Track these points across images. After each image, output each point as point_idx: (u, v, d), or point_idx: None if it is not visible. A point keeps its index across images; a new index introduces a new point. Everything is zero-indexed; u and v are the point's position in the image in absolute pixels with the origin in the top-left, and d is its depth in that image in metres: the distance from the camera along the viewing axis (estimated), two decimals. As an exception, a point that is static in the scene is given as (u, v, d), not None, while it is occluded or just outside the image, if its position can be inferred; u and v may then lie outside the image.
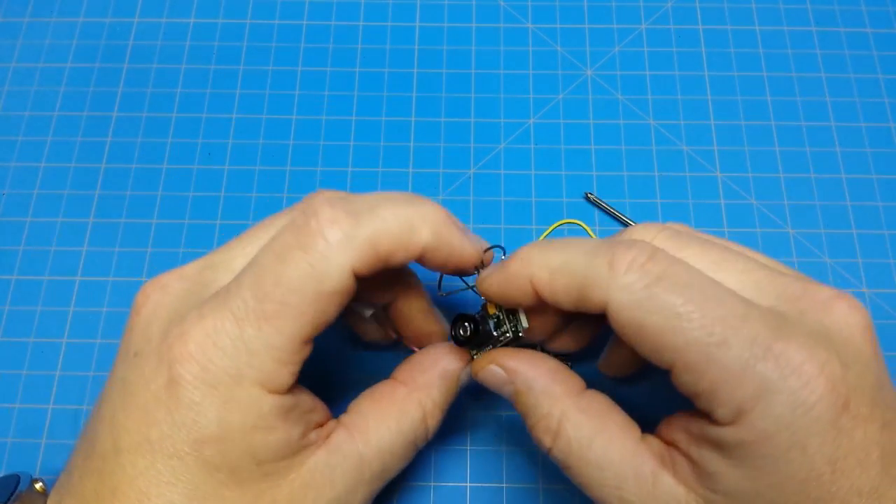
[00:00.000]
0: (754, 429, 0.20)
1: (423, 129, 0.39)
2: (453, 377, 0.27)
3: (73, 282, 0.35)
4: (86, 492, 0.22)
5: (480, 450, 0.32)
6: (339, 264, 0.22)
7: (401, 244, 0.23)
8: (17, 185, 0.38)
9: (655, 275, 0.22)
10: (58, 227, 0.37)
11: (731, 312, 0.21)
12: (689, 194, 0.37)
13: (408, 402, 0.26)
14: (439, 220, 0.24)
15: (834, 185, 0.37)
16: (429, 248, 0.24)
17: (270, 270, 0.22)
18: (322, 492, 0.23)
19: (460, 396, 0.31)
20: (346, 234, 0.22)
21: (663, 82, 0.40)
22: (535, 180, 0.37)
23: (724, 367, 0.20)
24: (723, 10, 0.41)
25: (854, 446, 0.20)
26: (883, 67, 0.40)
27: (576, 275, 0.23)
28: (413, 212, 0.24)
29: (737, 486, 0.21)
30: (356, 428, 0.25)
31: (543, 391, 0.25)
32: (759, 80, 0.40)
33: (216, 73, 0.40)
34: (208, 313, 0.22)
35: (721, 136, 0.38)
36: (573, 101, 0.39)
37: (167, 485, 0.21)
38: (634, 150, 0.38)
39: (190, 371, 0.21)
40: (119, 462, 0.22)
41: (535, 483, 0.31)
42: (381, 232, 0.23)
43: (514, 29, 0.41)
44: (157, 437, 0.21)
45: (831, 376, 0.20)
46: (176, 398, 0.21)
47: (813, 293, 0.22)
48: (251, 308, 0.22)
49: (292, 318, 0.22)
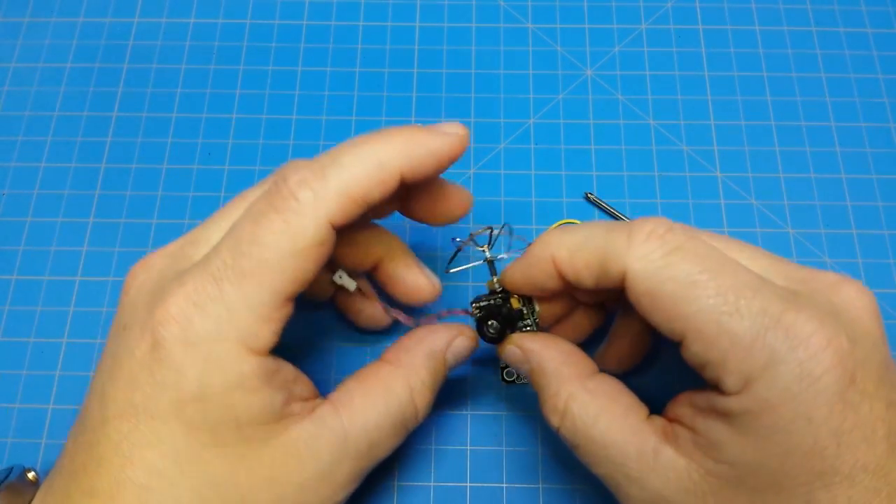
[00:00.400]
0: (760, 398, 0.20)
1: (423, 129, 0.39)
2: (440, 356, 0.27)
3: (73, 282, 0.35)
4: (75, 467, 0.23)
5: (480, 449, 0.32)
6: (314, 218, 0.22)
7: (374, 183, 0.23)
8: (17, 185, 0.38)
9: (674, 244, 0.22)
10: (58, 227, 0.37)
11: (746, 283, 0.21)
12: (689, 194, 0.37)
13: (393, 380, 0.26)
14: (405, 138, 0.24)
15: (834, 185, 0.37)
16: (407, 172, 0.24)
17: (247, 232, 0.23)
18: (304, 462, 0.23)
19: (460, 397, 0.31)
20: (316, 191, 0.23)
21: (663, 82, 0.40)
22: (535, 180, 0.37)
23: (735, 336, 0.21)
24: (723, 10, 0.41)
25: (860, 421, 0.20)
26: (883, 67, 0.40)
27: (596, 249, 0.24)
28: (378, 148, 0.24)
29: (741, 456, 0.21)
30: (341, 404, 0.25)
31: (554, 372, 0.26)
32: (759, 80, 0.40)
33: (216, 73, 0.40)
34: (188, 279, 0.23)
35: (721, 136, 0.38)
36: (573, 101, 0.39)
37: (149, 447, 0.22)
38: (634, 150, 0.38)
39: (171, 332, 0.22)
40: (105, 431, 0.22)
41: (535, 483, 0.31)
42: (349, 180, 0.23)
43: (514, 29, 0.41)
44: (140, 401, 0.22)
45: (839, 350, 0.20)
46: (158, 359, 0.22)
47: (821, 277, 0.23)
48: (229, 266, 0.22)
49: (271, 274, 0.22)
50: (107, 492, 0.22)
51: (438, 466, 0.31)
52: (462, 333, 0.28)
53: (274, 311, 0.23)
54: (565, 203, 0.37)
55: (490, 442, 0.32)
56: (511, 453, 0.32)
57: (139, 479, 0.22)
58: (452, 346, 0.28)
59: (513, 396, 0.33)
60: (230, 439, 0.22)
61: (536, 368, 0.27)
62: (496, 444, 0.32)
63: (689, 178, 0.37)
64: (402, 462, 0.32)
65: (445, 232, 0.36)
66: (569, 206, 0.37)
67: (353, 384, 0.26)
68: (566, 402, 0.25)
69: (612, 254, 0.23)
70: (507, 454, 0.32)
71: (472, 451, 0.32)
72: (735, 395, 0.21)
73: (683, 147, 0.38)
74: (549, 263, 0.25)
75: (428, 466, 0.32)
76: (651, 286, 0.22)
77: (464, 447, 0.32)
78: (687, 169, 0.38)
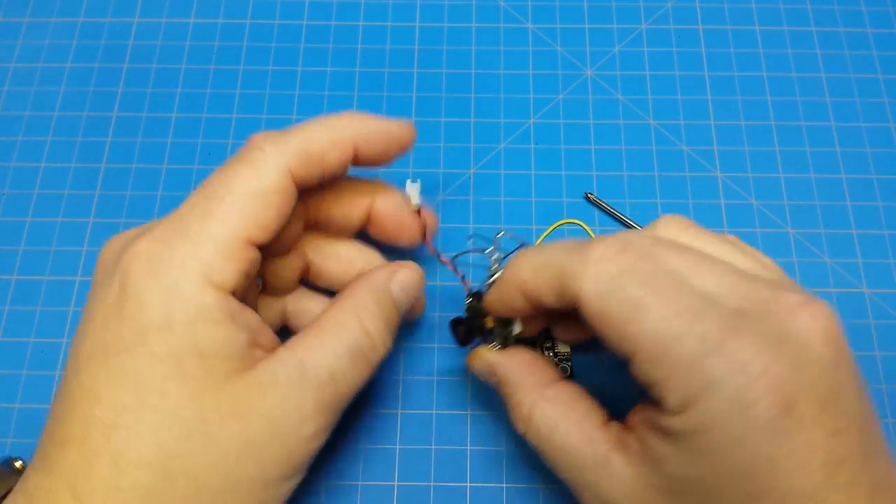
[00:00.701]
0: (697, 419, 0.21)
1: (423, 129, 0.39)
2: (383, 288, 0.28)
3: (73, 282, 0.35)
4: (51, 423, 0.23)
5: (480, 450, 0.32)
6: (275, 164, 0.25)
7: (331, 145, 0.26)
8: (17, 185, 0.38)
9: (624, 266, 0.23)
10: (58, 227, 0.37)
11: (689, 308, 0.22)
12: (689, 194, 0.37)
13: (341, 315, 0.26)
14: (358, 117, 0.27)
15: (834, 185, 0.37)
16: (360, 141, 0.27)
17: (215, 179, 0.25)
18: (266, 392, 0.23)
19: (460, 398, 0.31)
20: (278, 145, 0.25)
21: (663, 82, 0.40)
22: (535, 180, 0.37)
23: (677, 359, 0.21)
24: (723, 10, 0.41)
25: (795, 448, 0.20)
26: (883, 67, 0.40)
27: (555, 270, 0.24)
28: (334, 119, 0.27)
29: (680, 471, 0.22)
30: (296, 344, 0.25)
31: (517, 382, 0.28)
32: (759, 80, 0.40)
33: (216, 73, 0.40)
34: (156, 226, 0.24)
35: (721, 136, 0.38)
36: (573, 101, 0.39)
37: (115, 384, 0.22)
38: (634, 150, 0.38)
39: (137, 267, 0.23)
40: (78, 378, 0.23)
41: (535, 483, 0.31)
42: (308, 139, 0.26)
43: (514, 29, 0.41)
44: (110, 339, 0.23)
45: (776, 377, 0.21)
46: (124, 294, 0.23)
47: (781, 299, 0.22)
48: (197, 206, 0.24)
49: (236, 214, 0.24)
50: (78, 437, 0.22)
51: (438, 466, 0.31)
52: (404, 266, 0.29)
53: (237, 251, 0.24)
54: (565, 203, 0.37)
55: (490, 442, 0.32)
56: (511, 453, 0.32)
57: (106, 418, 0.22)
58: (397, 278, 0.28)
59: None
60: (195, 371, 0.23)
61: (502, 380, 0.28)
62: (496, 445, 0.32)
63: (689, 178, 0.37)
64: (402, 462, 0.32)
65: (450, 235, 0.36)
66: (569, 206, 0.37)
67: (306, 330, 0.26)
68: (529, 410, 0.27)
69: (569, 274, 0.24)
70: (507, 454, 0.32)
71: (472, 451, 0.32)
72: (676, 415, 0.22)
73: (683, 147, 0.38)
74: (517, 288, 0.26)
75: (428, 466, 0.32)
76: (601, 307, 0.23)
77: (464, 447, 0.32)
78: (687, 169, 0.38)
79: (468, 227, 0.36)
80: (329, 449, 0.32)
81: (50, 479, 0.22)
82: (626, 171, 0.37)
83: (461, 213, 0.36)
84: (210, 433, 0.22)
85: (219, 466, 0.23)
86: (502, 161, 0.38)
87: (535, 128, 0.39)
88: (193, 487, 0.22)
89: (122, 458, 0.22)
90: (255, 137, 0.26)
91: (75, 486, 0.22)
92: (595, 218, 0.36)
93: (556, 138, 0.38)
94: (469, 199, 0.37)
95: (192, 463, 0.22)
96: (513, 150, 0.38)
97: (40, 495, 0.22)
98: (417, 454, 0.32)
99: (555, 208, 0.37)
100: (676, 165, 0.38)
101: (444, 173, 0.37)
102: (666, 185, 0.37)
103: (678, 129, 0.38)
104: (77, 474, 0.22)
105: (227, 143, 0.38)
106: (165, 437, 0.22)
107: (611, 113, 0.39)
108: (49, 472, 0.22)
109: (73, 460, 0.22)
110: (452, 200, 0.37)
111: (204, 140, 0.38)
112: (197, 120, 0.39)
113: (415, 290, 0.29)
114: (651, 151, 0.38)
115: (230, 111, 0.39)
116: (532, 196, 0.37)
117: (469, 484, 0.31)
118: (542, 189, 0.37)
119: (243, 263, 0.24)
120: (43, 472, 0.23)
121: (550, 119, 0.39)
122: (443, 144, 0.38)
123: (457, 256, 0.31)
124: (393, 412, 0.33)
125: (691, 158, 0.38)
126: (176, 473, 0.22)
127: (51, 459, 0.23)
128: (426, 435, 0.32)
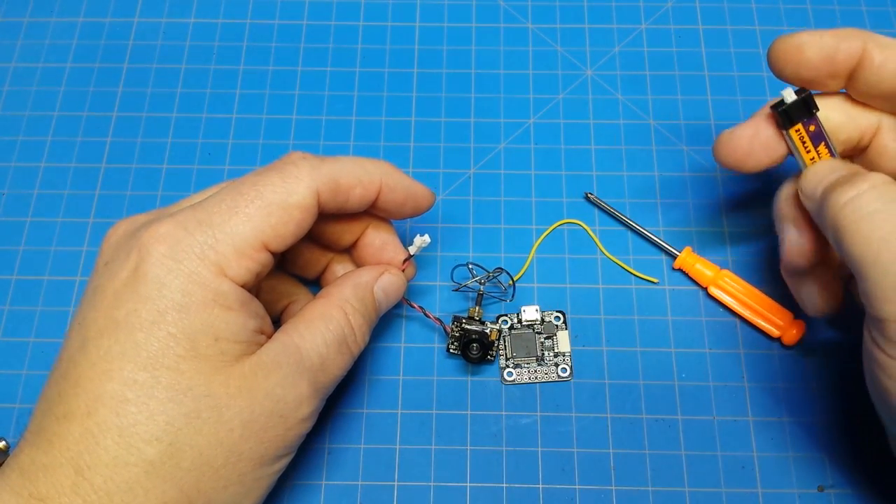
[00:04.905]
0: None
1: (423, 129, 0.39)
2: (367, 287, 0.29)
3: (73, 282, 0.35)
4: (51, 399, 0.23)
5: (480, 449, 0.32)
6: (307, 183, 0.26)
7: (358, 181, 0.28)
8: (17, 185, 0.38)
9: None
10: (58, 227, 0.37)
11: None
12: (689, 194, 0.37)
13: (328, 307, 0.28)
14: (389, 167, 0.29)
15: (834, 185, 0.37)
16: (384, 188, 0.28)
17: (249, 181, 0.26)
18: (270, 372, 0.25)
19: (460, 398, 0.31)
20: (313, 166, 0.26)
21: (663, 82, 0.40)
22: (535, 180, 0.37)
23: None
24: (723, 10, 0.41)
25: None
26: (883, 67, 0.40)
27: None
28: (367, 161, 0.29)
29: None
30: (291, 330, 0.27)
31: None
32: (758, 80, 0.40)
33: (216, 73, 0.40)
34: (178, 213, 0.25)
35: (721, 136, 0.38)
36: (573, 101, 0.39)
37: (128, 359, 0.23)
38: (634, 150, 0.38)
39: (158, 250, 0.24)
40: (85, 352, 0.23)
41: (536, 483, 0.31)
42: (340, 170, 0.27)
43: (514, 29, 0.41)
44: (123, 316, 0.23)
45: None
46: (143, 274, 0.23)
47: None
48: (224, 202, 0.25)
49: (259, 216, 0.25)
50: (83, 411, 0.22)
51: (438, 466, 0.32)
52: (388, 271, 0.30)
53: (252, 251, 0.25)
54: (565, 203, 0.37)
55: (490, 442, 0.32)
56: (511, 453, 0.32)
57: (117, 392, 0.22)
58: (380, 281, 0.30)
59: (513, 397, 0.33)
60: (208, 351, 0.24)
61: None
62: (496, 444, 0.32)
63: (689, 179, 0.37)
64: (402, 462, 0.32)
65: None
66: (569, 206, 0.37)
67: (295, 319, 0.28)
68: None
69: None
70: (508, 454, 0.32)
71: (472, 451, 0.32)
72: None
73: (683, 147, 0.38)
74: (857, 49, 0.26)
75: (428, 466, 0.32)
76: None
77: (464, 447, 0.32)
78: (687, 169, 0.38)
79: (468, 226, 0.36)
80: (329, 449, 0.32)
81: (49, 454, 0.22)
82: (626, 171, 0.37)
83: (461, 214, 0.36)
84: (219, 410, 0.23)
85: (224, 443, 0.24)
86: (502, 161, 0.38)
87: (535, 128, 0.39)
88: (197, 463, 0.23)
89: (130, 432, 0.22)
90: (293, 154, 0.27)
91: (78, 460, 0.22)
92: (595, 218, 0.36)
93: (556, 138, 0.38)
94: (469, 199, 0.37)
95: (198, 440, 0.23)
96: (513, 150, 0.38)
97: (37, 470, 0.22)
98: (418, 454, 0.32)
99: (555, 208, 0.37)
100: (676, 165, 0.38)
101: (444, 173, 0.38)
102: (666, 185, 0.37)
103: (678, 129, 0.38)
104: (80, 448, 0.22)
105: (227, 143, 0.38)
106: (175, 414, 0.23)
107: (611, 113, 0.39)
108: (48, 446, 0.22)
109: (76, 434, 0.22)
110: (452, 200, 0.37)
111: (204, 140, 0.38)
112: (197, 120, 0.39)
113: (396, 295, 0.31)
114: (651, 151, 0.38)
115: (230, 111, 0.39)
116: (532, 196, 0.37)
117: (469, 484, 0.31)
118: (542, 189, 0.37)
119: (256, 264, 0.25)
120: (40, 446, 0.23)
121: (550, 119, 0.39)
122: (443, 144, 0.38)
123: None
124: (393, 412, 0.33)
125: (691, 158, 0.38)
126: (183, 449, 0.23)
127: (49, 433, 0.23)
128: (426, 435, 0.32)
